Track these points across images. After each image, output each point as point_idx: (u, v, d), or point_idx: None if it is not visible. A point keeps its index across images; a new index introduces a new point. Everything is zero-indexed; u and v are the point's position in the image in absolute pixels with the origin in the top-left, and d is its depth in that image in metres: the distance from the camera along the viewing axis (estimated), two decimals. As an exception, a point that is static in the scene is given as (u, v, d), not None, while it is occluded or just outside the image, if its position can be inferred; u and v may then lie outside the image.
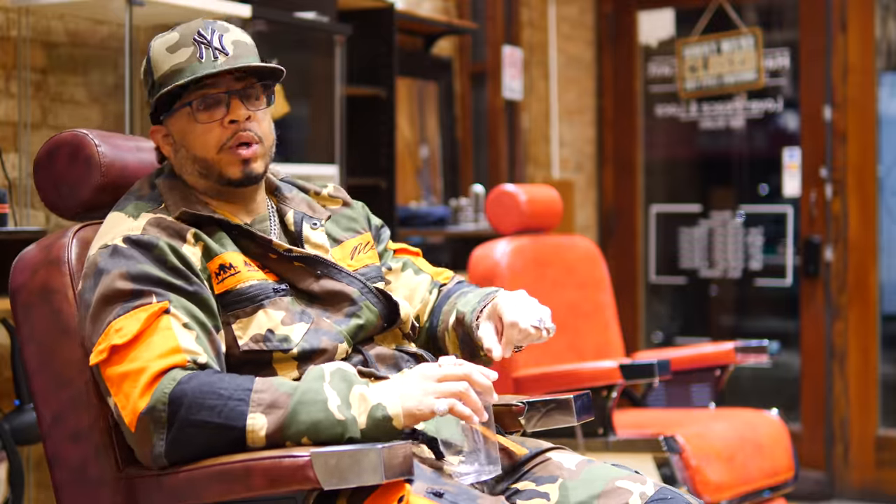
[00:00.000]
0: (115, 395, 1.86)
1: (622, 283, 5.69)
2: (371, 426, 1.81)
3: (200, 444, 1.83)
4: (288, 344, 1.97)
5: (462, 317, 2.16)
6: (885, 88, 5.41)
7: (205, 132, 2.02)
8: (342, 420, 1.80)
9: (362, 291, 2.09)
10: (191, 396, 1.82)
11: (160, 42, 2.05)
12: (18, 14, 3.43)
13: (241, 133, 2.03)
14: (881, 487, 5.27)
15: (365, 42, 4.42)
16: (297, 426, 1.80)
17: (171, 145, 2.07)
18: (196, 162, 2.04)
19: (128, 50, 3.35)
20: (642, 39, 5.98)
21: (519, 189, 3.99)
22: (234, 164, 2.03)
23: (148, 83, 2.06)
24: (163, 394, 1.83)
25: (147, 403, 1.82)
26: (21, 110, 3.44)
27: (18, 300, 2.06)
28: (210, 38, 2.03)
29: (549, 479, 1.98)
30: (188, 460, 1.84)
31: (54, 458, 2.02)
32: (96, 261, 1.95)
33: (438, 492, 1.82)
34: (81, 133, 2.10)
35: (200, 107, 2.02)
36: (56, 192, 2.11)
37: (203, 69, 2.00)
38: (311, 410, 1.81)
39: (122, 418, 1.86)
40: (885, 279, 5.37)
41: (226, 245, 2.02)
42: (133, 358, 1.86)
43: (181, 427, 1.82)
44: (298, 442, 1.80)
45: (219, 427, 1.81)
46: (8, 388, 3.38)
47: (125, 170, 2.11)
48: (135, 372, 1.85)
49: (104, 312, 1.90)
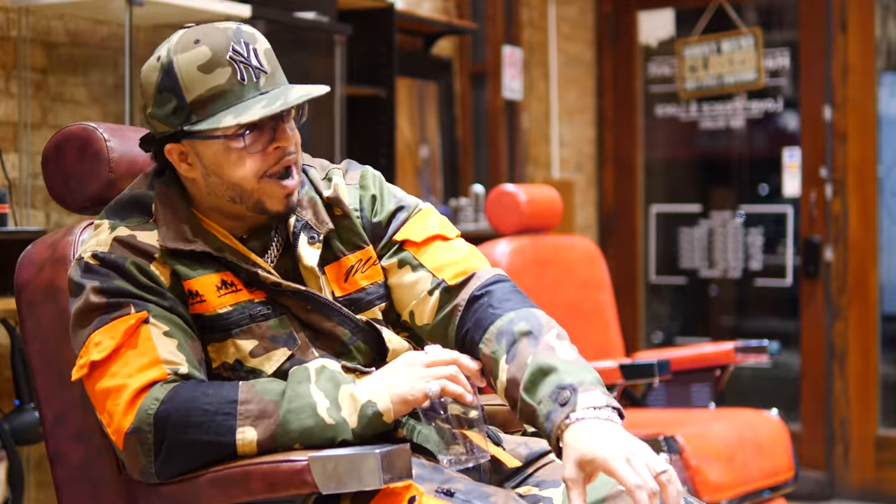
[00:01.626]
0: (100, 413, 1.84)
1: (622, 283, 5.69)
2: (363, 425, 1.80)
3: (191, 460, 1.81)
4: (257, 375, 1.91)
5: (532, 411, 1.80)
6: (885, 88, 5.41)
7: (247, 160, 1.88)
8: (333, 424, 1.79)
9: (353, 332, 1.97)
10: (175, 416, 1.79)
11: (188, 59, 1.86)
12: (18, 14, 3.43)
13: (286, 158, 1.90)
14: (881, 487, 5.27)
15: (365, 42, 4.42)
16: (289, 435, 1.79)
17: (190, 165, 1.92)
18: (230, 188, 1.90)
19: (128, 50, 3.35)
20: (642, 39, 5.98)
21: (519, 189, 3.99)
22: (278, 196, 1.90)
23: (171, 102, 1.87)
24: (147, 414, 1.79)
25: (131, 424, 1.79)
26: (21, 110, 3.44)
27: (23, 297, 2.04)
28: (246, 54, 1.88)
29: (552, 484, 1.93)
30: (181, 475, 1.83)
31: (56, 457, 2.02)
32: (71, 274, 1.91)
33: (449, 490, 1.80)
34: (91, 126, 2.07)
35: (243, 134, 1.87)
36: (64, 185, 2.09)
37: (248, 92, 1.86)
38: (300, 417, 1.79)
39: (108, 436, 1.85)
40: (885, 279, 5.37)
41: (196, 269, 1.91)
42: (112, 373, 1.81)
43: (170, 447, 1.80)
44: (290, 448, 1.79)
45: (208, 444, 1.80)
46: (8, 388, 3.38)
47: (134, 164, 2.08)
48: (115, 389, 1.81)
49: (83, 326, 1.86)
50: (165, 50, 1.89)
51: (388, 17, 4.46)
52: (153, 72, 1.89)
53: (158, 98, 1.89)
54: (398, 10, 4.56)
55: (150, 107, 1.92)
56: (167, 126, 1.89)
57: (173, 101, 1.87)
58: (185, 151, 1.91)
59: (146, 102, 1.93)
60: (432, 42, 5.11)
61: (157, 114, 1.90)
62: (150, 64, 1.91)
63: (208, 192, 1.93)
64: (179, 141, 1.90)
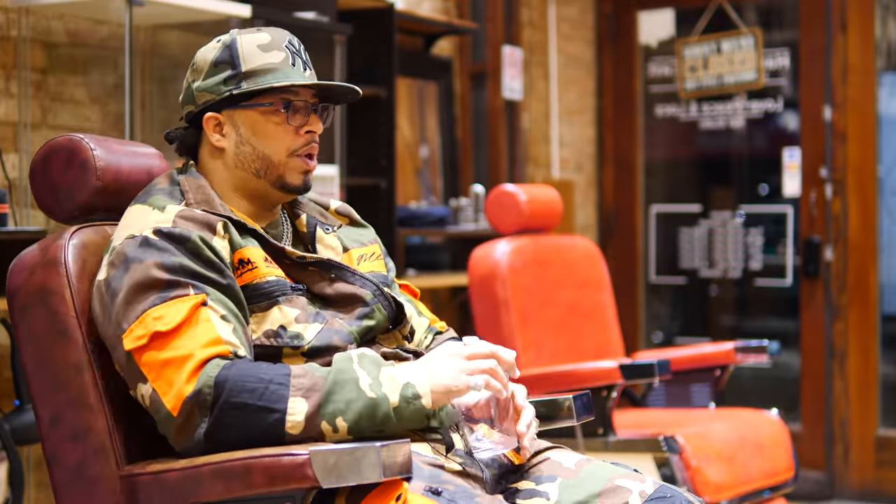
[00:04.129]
0: (154, 381, 1.88)
1: (622, 283, 5.69)
2: (402, 404, 1.85)
3: (240, 427, 1.84)
4: (299, 341, 1.99)
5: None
6: (885, 88, 5.41)
7: (280, 134, 2.08)
8: (374, 398, 1.84)
9: (374, 294, 2.11)
10: (233, 380, 1.85)
11: (249, 38, 2.08)
12: (18, 14, 3.43)
13: (313, 144, 2.11)
14: (881, 487, 5.27)
15: (365, 42, 4.42)
16: (333, 405, 1.84)
17: (223, 136, 2.09)
18: (259, 159, 2.08)
19: (128, 50, 3.35)
20: (642, 39, 5.98)
21: (519, 189, 3.99)
22: (298, 171, 2.10)
23: (225, 72, 2.06)
24: (209, 377, 1.85)
25: (194, 388, 1.85)
26: (21, 110, 3.44)
27: (16, 302, 2.06)
28: (299, 49, 2.11)
29: (548, 479, 2.00)
30: (225, 445, 1.85)
31: (53, 458, 2.02)
32: (124, 250, 1.95)
33: (437, 490, 1.83)
34: (77, 137, 2.11)
35: (284, 110, 2.07)
36: (52, 196, 2.12)
37: (296, 76, 2.07)
38: (344, 390, 1.85)
39: (161, 404, 1.87)
40: (885, 279, 5.37)
41: (247, 240, 2.04)
42: (176, 346, 1.88)
43: (222, 409, 1.84)
44: (333, 423, 1.83)
45: (259, 409, 1.84)
46: (8, 388, 3.38)
47: (120, 173, 2.12)
48: (179, 359, 1.87)
49: (138, 300, 1.91)
50: (229, 34, 2.10)
51: (388, 17, 4.46)
52: (211, 50, 2.09)
53: (212, 70, 2.07)
54: (398, 10, 4.56)
55: (198, 80, 2.08)
56: (212, 94, 2.07)
57: (227, 71, 2.06)
58: (222, 122, 2.08)
59: (194, 78, 2.09)
60: (432, 42, 5.11)
61: (204, 85, 2.07)
62: (210, 45, 2.10)
63: (235, 165, 2.09)
64: (220, 111, 2.07)
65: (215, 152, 2.10)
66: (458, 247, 5.03)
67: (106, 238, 2.09)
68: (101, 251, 2.06)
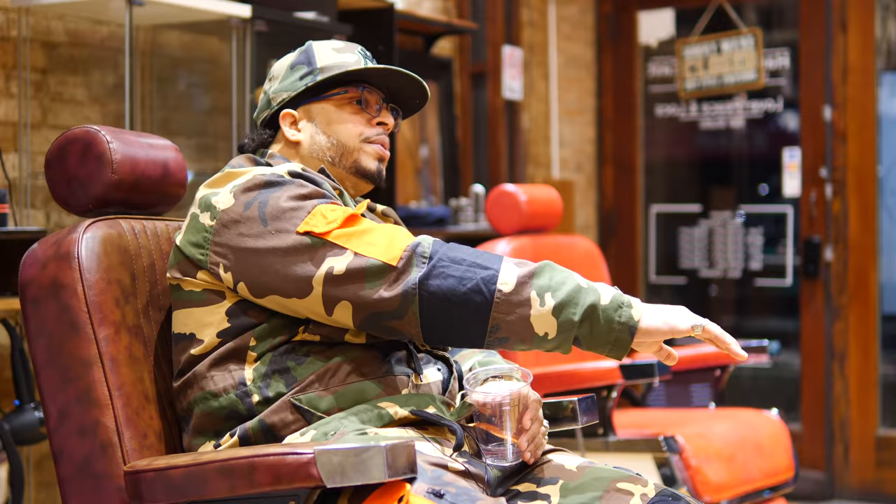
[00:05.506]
0: (357, 247, 1.91)
1: (622, 283, 5.69)
2: (612, 305, 1.88)
3: (454, 277, 1.88)
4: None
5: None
6: (885, 88, 5.41)
7: (354, 121, 2.15)
8: (586, 287, 1.88)
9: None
10: (449, 245, 1.93)
11: (324, 43, 2.18)
12: (18, 14, 3.42)
13: (384, 136, 2.18)
14: (881, 487, 5.27)
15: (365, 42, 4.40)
16: (545, 280, 1.88)
17: (299, 130, 2.16)
18: (334, 147, 2.15)
19: (128, 50, 3.35)
20: (642, 39, 5.98)
21: (519, 189, 3.99)
22: (373, 156, 2.17)
23: (301, 71, 2.15)
24: (426, 237, 1.94)
25: (413, 240, 1.92)
26: (21, 110, 3.44)
27: (27, 294, 2.05)
28: (370, 56, 2.21)
29: (550, 481, 1.99)
30: (436, 297, 1.88)
31: (60, 453, 2.02)
32: (261, 179, 1.99)
33: (439, 492, 1.82)
34: (93, 129, 2.10)
35: (357, 101, 2.15)
36: (67, 188, 2.11)
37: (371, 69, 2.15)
38: (557, 273, 1.89)
39: (368, 260, 1.90)
40: (885, 279, 5.37)
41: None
42: (370, 224, 1.95)
43: (441, 259, 1.89)
44: (542, 297, 1.87)
45: (474, 265, 1.89)
46: (8, 388, 3.38)
47: (136, 166, 2.11)
48: (382, 228, 1.94)
49: (303, 203, 1.95)
50: (306, 43, 2.20)
51: (388, 17, 4.46)
52: (288, 57, 2.19)
53: (288, 73, 2.17)
54: (398, 10, 4.56)
55: (274, 85, 2.17)
56: (288, 91, 2.15)
57: (303, 69, 2.16)
58: (297, 117, 2.16)
59: (271, 86, 2.18)
60: (432, 42, 5.11)
61: (281, 87, 2.17)
62: (286, 56, 2.20)
63: (311, 155, 2.16)
64: (296, 108, 2.16)
65: (290, 148, 2.17)
66: (458, 247, 5.02)
67: (120, 232, 2.08)
68: (114, 245, 2.06)
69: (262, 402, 1.97)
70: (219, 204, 1.98)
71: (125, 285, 2.06)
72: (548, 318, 1.87)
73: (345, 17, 4.27)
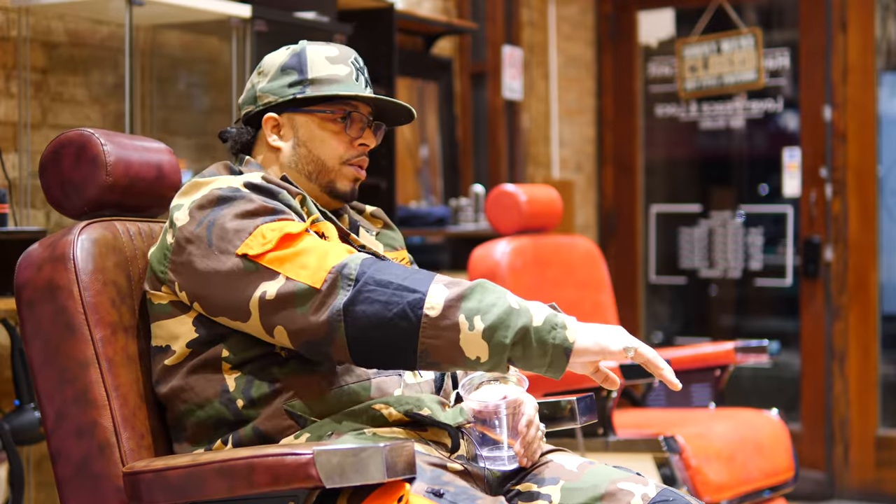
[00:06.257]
0: (287, 271, 1.89)
1: (622, 283, 5.69)
2: (546, 327, 1.84)
3: (380, 302, 1.84)
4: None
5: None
6: (885, 88, 5.41)
7: (336, 141, 2.14)
8: (517, 308, 1.85)
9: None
10: (378, 265, 1.89)
11: (319, 49, 2.15)
12: (18, 14, 3.43)
13: (364, 157, 2.18)
14: (881, 487, 5.27)
15: (365, 42, 4.41)
16: (475, 303, 1.83)
17: (280, 136, 2.15)
18: (313, 163, 2.14)
19: (128, 50, 3.35)
20: (642, 39, 5.98)
21: (519, 189, 3.99)
22: (349, 178, 2.16)
23: (291, 76, 2.13)
24: (356, 256, 1.90)
25: (340, 261, 1.88)
26: (21, 110, 3.44)
27: (23, 297, 2.05)
28: (362, 67, 2.19)
29: (550, 481, 2.00)
30: (361, 322, 1.85)
31: (57, 454, 2.02)
32: (216, 194, 1.97)
33: (438, 491, 1.82)
34: (87, 132, 2.10)
35: (343, 120, 2.14)
36: (62, 191, 2.11)
37: (358, 91, 2.14)
38: (488, 294, 1.85)
39: (297, 284, 1.88)
40: (885, 279, 5.37)
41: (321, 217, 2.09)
42: (308, 243, 1.92)
43: (367, 283, 1.86)
44: (471, 320, 1.82)
45: (401, 288, 1.85)
46: (8, 388, 3.38)
47: (130, 169, 2.11)
48: (319, 247, 1.91)
49: (246, 222, 1.94)
50: (298, 44, 2.17)
51: (388, 17, 4.46)
52: (281, 55, 2.16)
53: (278, 74, 2.14)
54: (398, 10, 4.56)
55: (262, 82, 2.15)
56: (276, 96, 2.13)
57: (293, 76, 2.13)
58: (281, 124, 2.14)
59: (259, 80, 2.16)
60: (432, 42, 5.11)
61: (269, 87, 2.14)
62: (279, 51, 2.17)
63: (288, 165, 2.14)
64: (280, 113, 2.14)
65: (270, 152, 2.16)
66: (458, 247, 5.03)
67: (115, 234, 2.09)
68: (109, 247, 2.06)
69: (248, 405, 1.96)
70: (178, 221, 1.99)
71: (121, 286, 2.07)
72: (478, 341, 1.83)
73: (345, 17, 4.27)
